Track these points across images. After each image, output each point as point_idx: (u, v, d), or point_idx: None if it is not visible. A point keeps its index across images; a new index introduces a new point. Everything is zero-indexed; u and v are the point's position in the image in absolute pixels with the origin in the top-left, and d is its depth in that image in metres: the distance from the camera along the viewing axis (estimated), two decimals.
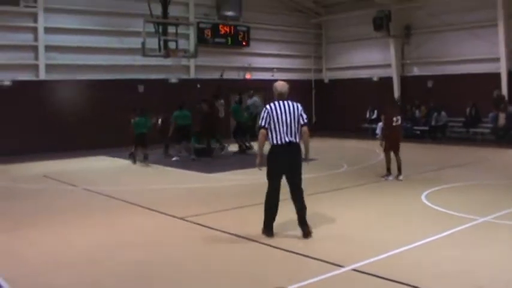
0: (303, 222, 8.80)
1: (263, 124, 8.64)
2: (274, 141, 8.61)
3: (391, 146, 14.62)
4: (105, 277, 7.19)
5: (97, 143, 22.39)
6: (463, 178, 14.43)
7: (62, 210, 11.59)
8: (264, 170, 8.72)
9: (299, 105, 8.85)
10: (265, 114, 8.65)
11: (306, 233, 8.74)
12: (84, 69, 23.71)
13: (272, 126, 8.59)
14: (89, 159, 20.41)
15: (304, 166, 8.89)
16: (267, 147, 8.75)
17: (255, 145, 16.49)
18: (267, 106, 8.74)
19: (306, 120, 8.87)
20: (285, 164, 8.67)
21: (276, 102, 8.73)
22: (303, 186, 8.89)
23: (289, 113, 8.65)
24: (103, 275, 7.26)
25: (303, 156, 8.90)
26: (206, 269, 7.48)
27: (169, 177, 16.30)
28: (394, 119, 14.62)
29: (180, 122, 19.46)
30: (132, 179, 16.05)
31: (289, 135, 8.59)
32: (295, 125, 8.66)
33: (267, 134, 8.65)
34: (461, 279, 6.79)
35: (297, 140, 8.70)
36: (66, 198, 13.22)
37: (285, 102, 8.75)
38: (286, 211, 9.08)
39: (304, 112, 8.90)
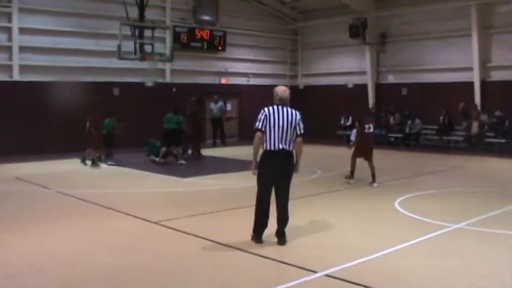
0: (281, 233, 8.70)
1: (259, 126, 8.40)
2: (268, 147, 8.39)
3: (361, 152, 14.77)
4: (77, 281, 7.11)
5: (71, 145, 22.15)
6: (436, 185, 14.56)
7: (35, 212, 11.45)
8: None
9: (298, 114, 8.60)
10: (262, 117, 8.42)
11: (282, 242, 8.64)
12: (59, 71, 23.44)
13: (267, 131, 8.37)
14: (63, 161, 20.16)
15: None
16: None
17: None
18: (265, 108, 8.50)
19: (302, 131, 8.59)
20: (276, 172, 8.47)
21: (275, 106, 8.51)
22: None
23: (287, 119, 8.40)
24: (74, 279, 7.17)
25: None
26: (177, 274, 7.44)
27: (144, 181, 16.17)
28: (367, 126, 14.75)
29: (167, 125, 19.29)
30: (106, 182, 15.88)
31: (283, 143, 8.37)
32: (290, 133, 8.42)
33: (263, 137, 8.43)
34: (435, 286, 6.84)
35: (290, 148, 8.48)
36: (39, 200, 13.05)
37: (284, 107, 8.52)
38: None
39: (302, 121, 8.61)
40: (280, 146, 8.35)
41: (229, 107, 29.00)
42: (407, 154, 23.55)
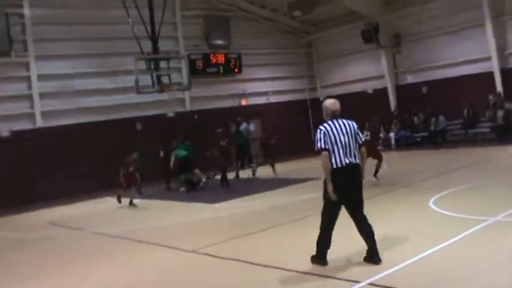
0: (376, 250, 8.05)
1: (323, 146, 7.93)
2: (334, 165, 7.92)
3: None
4: None
5: (99, 185, 22.35)
6: (467, 180, 14.39)
7: (73, 255, 11.53)
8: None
9: (354, 123, 8.26)
10: (322, 135, 7.97)
11: (379, 260, 7.95)
12: (80, 112, 23.77)
13: (331, 148, 7.93)
14: (93, 202, 20.34)
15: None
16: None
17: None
18: (322, 127, 8.06)
19: (363, 139, 8.28)
20: (348, 187, 8.01)
21: (330, 122, 8.10)
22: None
23: (346, 132, 8.03)
24: None
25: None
26: None
27: (173, 211, 16.20)
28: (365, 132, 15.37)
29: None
30: (137, 217, 15.98)
31: (348, 156, 7.97)
32: (353, 145, 8.04)
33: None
34: (481, 281, 6.76)
35: (357, 161, 8.08)
36: (76, 242, 13.16)
37: (339, 120, 8.14)
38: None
39: (360, 131, 8.37)
40: (347, 160, 7.95)
41: (252, 127, 28.96)
42: (435, 152, 23.37)
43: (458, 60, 26.07)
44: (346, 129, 8.05)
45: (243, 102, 29.83)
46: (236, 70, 29.17)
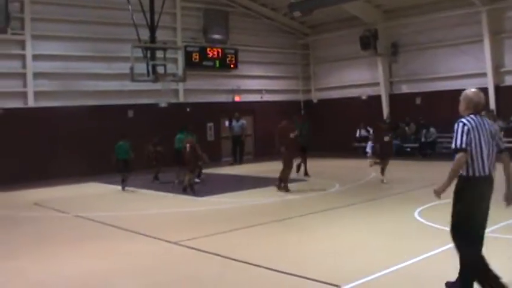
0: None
1: (463, 145, 6.24)
2: (476, 173, 6.30)
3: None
4: None
5: (87, 169, 22.31)
6: None
7: (54, 238, 11.45)
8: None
9: (494, 124, 6.66)
10: (465, 131, 6.27)
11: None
12: (73, 96, 23.59)
13: (472, 151, 6.27)
14: (80, 185, 20.27)
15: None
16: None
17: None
18: (464, 120, 6.36)
19: (504, 144, 6.61)
20: (487, 206, 6.49)
21: (474, 117, 6.39)
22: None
23: (489, 133, 6.38)
24: None
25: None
26: None
27: (160, 202, 16.17)
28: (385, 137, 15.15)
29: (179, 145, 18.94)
30: (124, 205, 15.92)
31: (489, 165, 6.36)
32: (493, 151, 6.40)
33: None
34: None
35: (493, 172, 6.47)
36: (58, 225, 13.07)
37: (481, 117, 6.44)
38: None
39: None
40: (487, 170, 6.35)
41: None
42: (424, 163, 23.46)
43: (453, 74, 26.14)
44: (489, 129, 6.39)
45: (237, 98, 29.80)
46: (232, 66, 29.12)
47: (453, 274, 7.18)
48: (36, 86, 22.86)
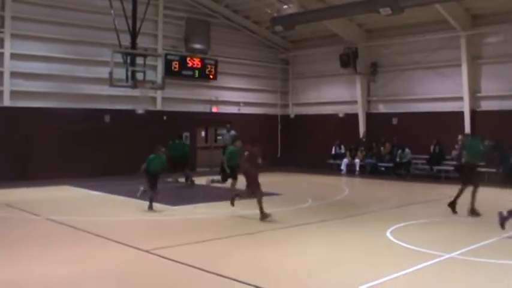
0: None
1: None
2: None
3: None
4: None
5: (61, 172, 22.08)
6: (427, 215, 14.53)
7: (24, 240, 11.29)
8: None
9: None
10: None
11: None
12: (51, 97, 23.41)
13: None
14: (53, 188, 20.04)
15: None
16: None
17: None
18: None
19: None
20: None
21: None
22: None
23: None
24: None
25: None
26: None
27: (135, 209, 16.01)
28: None
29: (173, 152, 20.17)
30: (96, 210, 15.75)
31: None
32: None
33: None
34: None
35: None
36: (28, 227, 12.87)
37: None
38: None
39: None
40: None
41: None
42: (398, 183, 23.57)
43: (431, 96, 26.47)
44: None
45: (214, 109, 29.78)
46: (211, 76, 29.07)
47: None
48: (13, 86, 22.60)
